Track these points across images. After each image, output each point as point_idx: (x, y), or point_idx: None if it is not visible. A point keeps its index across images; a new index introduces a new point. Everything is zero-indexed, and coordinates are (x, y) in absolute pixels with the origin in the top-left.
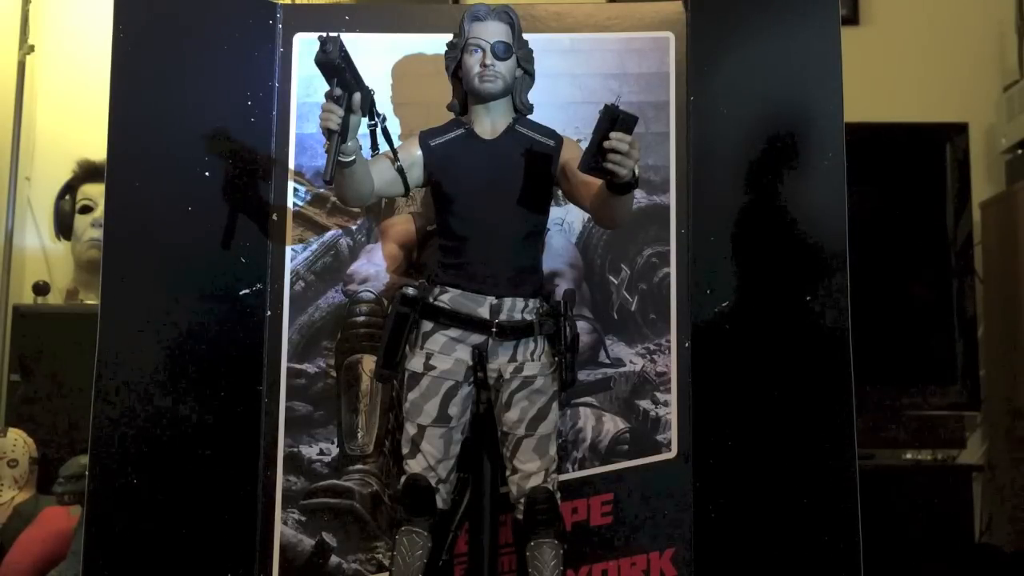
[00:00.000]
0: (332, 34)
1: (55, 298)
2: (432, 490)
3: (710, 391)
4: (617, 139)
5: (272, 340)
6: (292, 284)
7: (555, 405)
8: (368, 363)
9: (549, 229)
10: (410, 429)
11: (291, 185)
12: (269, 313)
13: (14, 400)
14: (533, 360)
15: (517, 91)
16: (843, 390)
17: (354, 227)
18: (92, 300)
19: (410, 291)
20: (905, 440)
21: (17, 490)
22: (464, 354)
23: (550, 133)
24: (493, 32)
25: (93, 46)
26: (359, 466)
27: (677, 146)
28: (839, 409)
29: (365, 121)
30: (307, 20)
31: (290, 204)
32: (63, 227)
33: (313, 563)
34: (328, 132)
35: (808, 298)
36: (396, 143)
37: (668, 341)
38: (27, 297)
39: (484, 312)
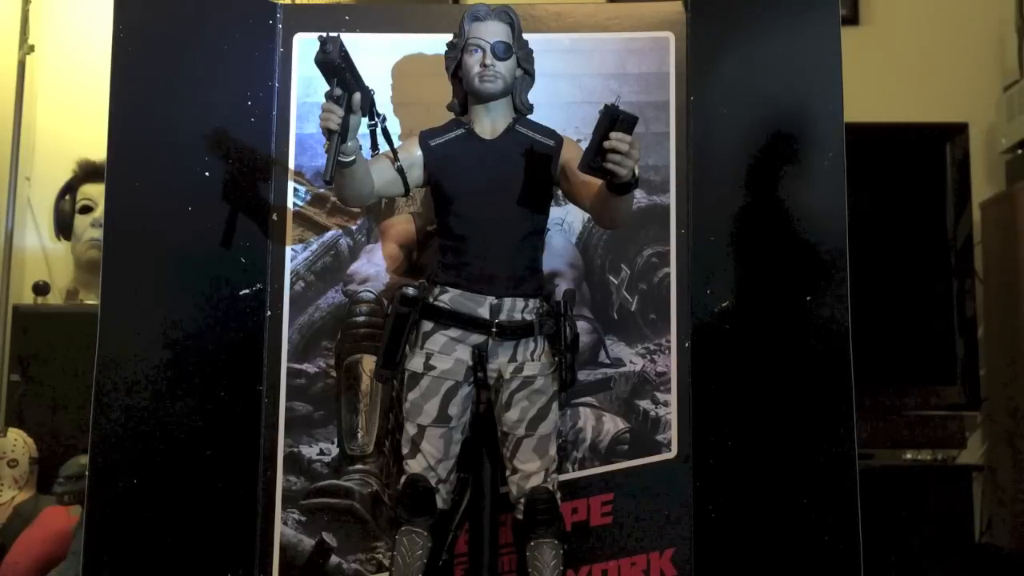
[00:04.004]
0: (332, 34)
1: (55, 298)
2: (432, 490)
3: (710, 391)
4: (617, 139)
5: (272, 340)
6: (292, 284)
7: (555, 405)
8: (368, 363)
9: (549, 229)
10: (410, 429)
11: (291, 185)
12: (269, 313)
13: (14, 400)
14: (533, 360)
15: (517, 91)
16: (843, 390)
17: (354, 227)
18: (92, 300)
19: (410, 291)
20: (905, 440)
21: (17, 490)
22: (464, 354)
23: (550, 133)
24: (493, 32)
25: (93, 46)
26: (359, 466)
27: (677, 146)
28: (839, 409)
29: (365, 121)
30: (307, 20)
31: (290, 204)
32: (63, 227)
33: (313, 563)
34: (328, 132)
35: (808, 298)
36: (396, 143)
37: (668, 341)
38: (27, 297)
39: (484, 312)
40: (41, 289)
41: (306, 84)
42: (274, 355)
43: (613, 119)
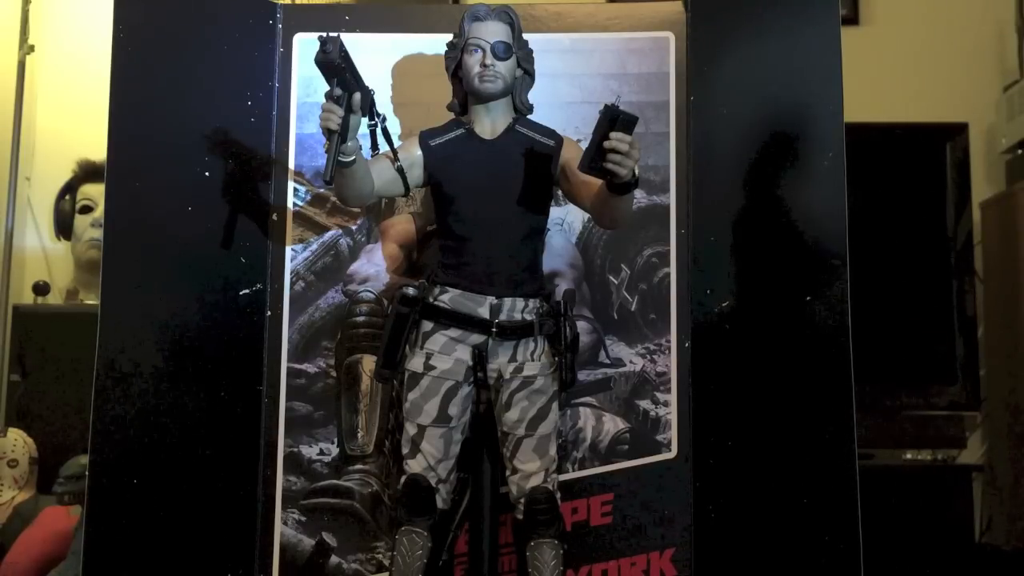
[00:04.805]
0: (332, 34)
1: (55, 298)
2: (432, 490)
3: (710, 391)
4: (617, 139)
5: (272, 340)
6: (292, 284)
7: (555, 405)
8: (368, 363)
9: (549, 229)
10: (410, 429)
11: (291, 185)
12: (269, 313)
13: (14, 400)
14: (533, 360)
15: (517, 91)
16: (843, 390)
17: (354, 227)
18: (92, 300)
19: (410, 291)
20: (905, 440)
21: (17, 490)
22: (464, 354)
23: (550, 133)
24: (493, 32)
25: (93, 46)
26: (359, 466)
27: (677, 146)
28: (839, 409)
29: (365, 121)
30: (307, 20)
31: (290, 204)
32: (63, 227)
33: (313, 563)
34: (328, 132)
35: (808, 298)
36: (396, 143)
37: (668, 341)
38: (27, 297)
39: (484, 312)
40: (41, 289)
41: (306, 84)
42: (274, 355)
43: (613, 119)
